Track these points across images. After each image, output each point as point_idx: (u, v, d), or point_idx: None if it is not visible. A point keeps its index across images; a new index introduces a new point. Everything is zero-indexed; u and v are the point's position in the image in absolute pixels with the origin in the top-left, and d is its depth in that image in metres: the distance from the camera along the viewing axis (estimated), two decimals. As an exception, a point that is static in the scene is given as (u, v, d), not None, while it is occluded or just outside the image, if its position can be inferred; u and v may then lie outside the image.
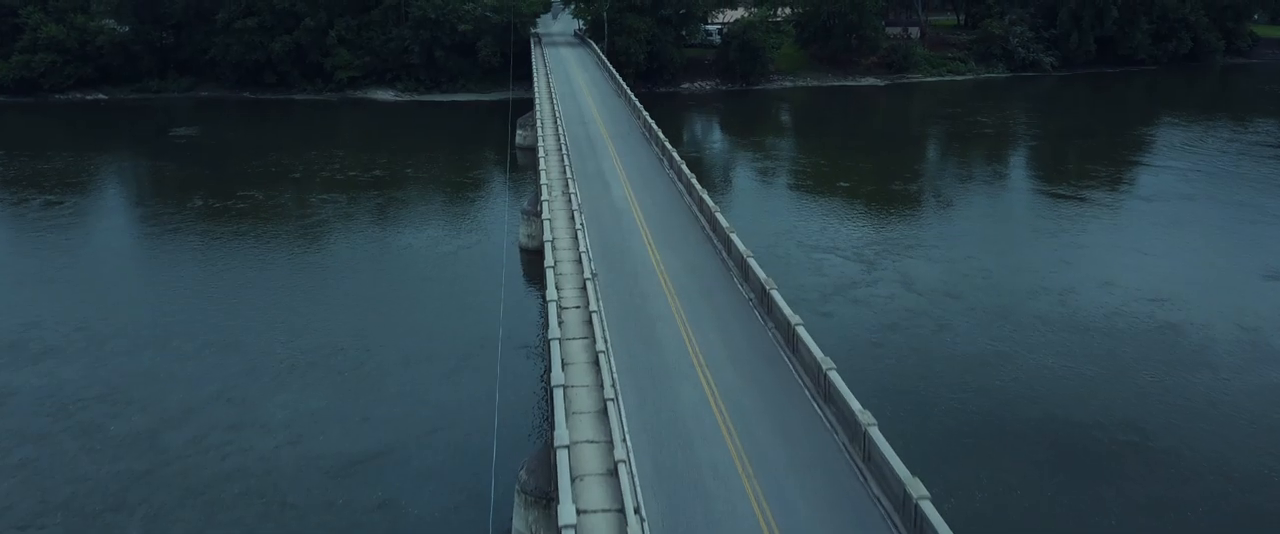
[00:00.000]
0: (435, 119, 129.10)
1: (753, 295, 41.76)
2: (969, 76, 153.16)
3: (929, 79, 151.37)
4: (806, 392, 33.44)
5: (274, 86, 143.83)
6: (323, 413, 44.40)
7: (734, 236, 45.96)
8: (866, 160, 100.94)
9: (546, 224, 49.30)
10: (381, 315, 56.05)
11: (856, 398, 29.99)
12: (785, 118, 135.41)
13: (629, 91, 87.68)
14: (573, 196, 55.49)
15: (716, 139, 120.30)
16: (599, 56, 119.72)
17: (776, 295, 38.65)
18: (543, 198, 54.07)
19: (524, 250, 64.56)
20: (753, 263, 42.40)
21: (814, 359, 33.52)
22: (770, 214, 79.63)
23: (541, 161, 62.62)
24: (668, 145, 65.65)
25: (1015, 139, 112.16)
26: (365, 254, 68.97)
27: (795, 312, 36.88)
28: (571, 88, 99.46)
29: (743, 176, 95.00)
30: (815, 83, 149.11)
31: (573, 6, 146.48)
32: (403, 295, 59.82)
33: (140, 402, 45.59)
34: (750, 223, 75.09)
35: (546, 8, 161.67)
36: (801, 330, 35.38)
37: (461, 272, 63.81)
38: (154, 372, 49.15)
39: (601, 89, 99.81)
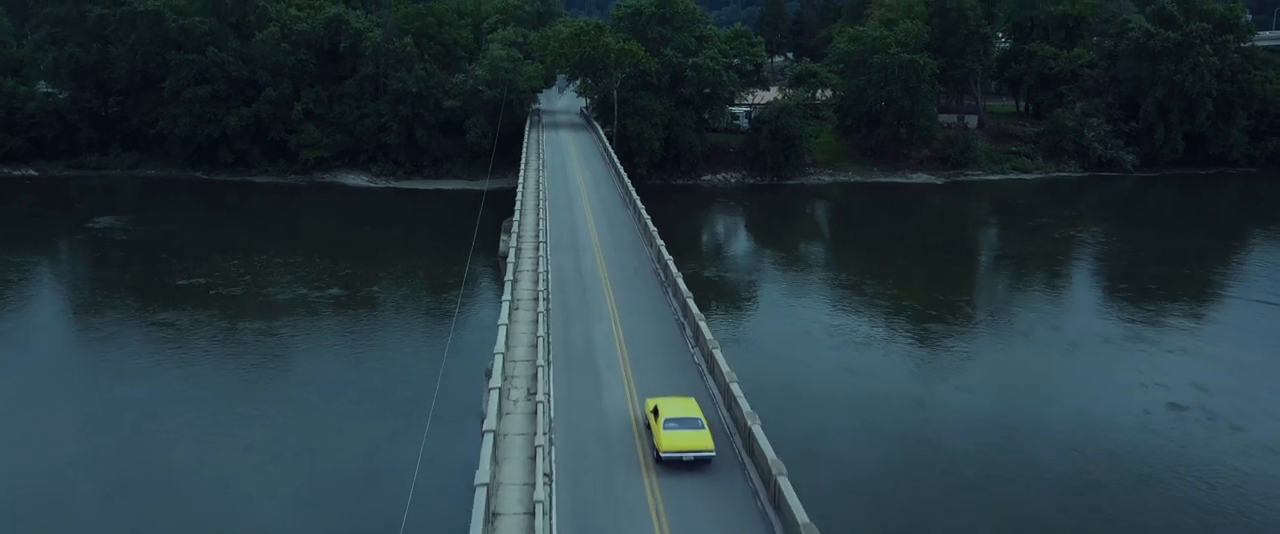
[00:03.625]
0: (415, 211, 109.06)
1: None
2: (1037, 175, 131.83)
3: (991, 177, 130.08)
4: None
5: (231, 166, 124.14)
6: None
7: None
8: (939, 286, 79.27)
9: (479, 497, 27.36)
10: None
11: None
12: (827, 221, 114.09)
13: (640, 205, 66.01)
14: (543, 406, 33.72)
15: (745, 249, 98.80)
16: (605, 147, 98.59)
17: None
18: (485, 425, 32.09)
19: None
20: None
21: None
22: (832, 377, 57.96)
23: (503, 330, 40.79)
24: (694, 307, 43.87)
25: (1127, 263, 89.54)
26: (290, 431, 49.10)
27: None
28: (567, 191, 78.05)
29: (781, 309, 73.15)
30: (858, 178, 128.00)
31: (578, 83, 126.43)
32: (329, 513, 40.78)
33: None
34: (801, 390, 53.95)
35: (550, 80, 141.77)
36: None
37: (406, 467, 42.51)
38: None
39: (604, 194, 78.26)
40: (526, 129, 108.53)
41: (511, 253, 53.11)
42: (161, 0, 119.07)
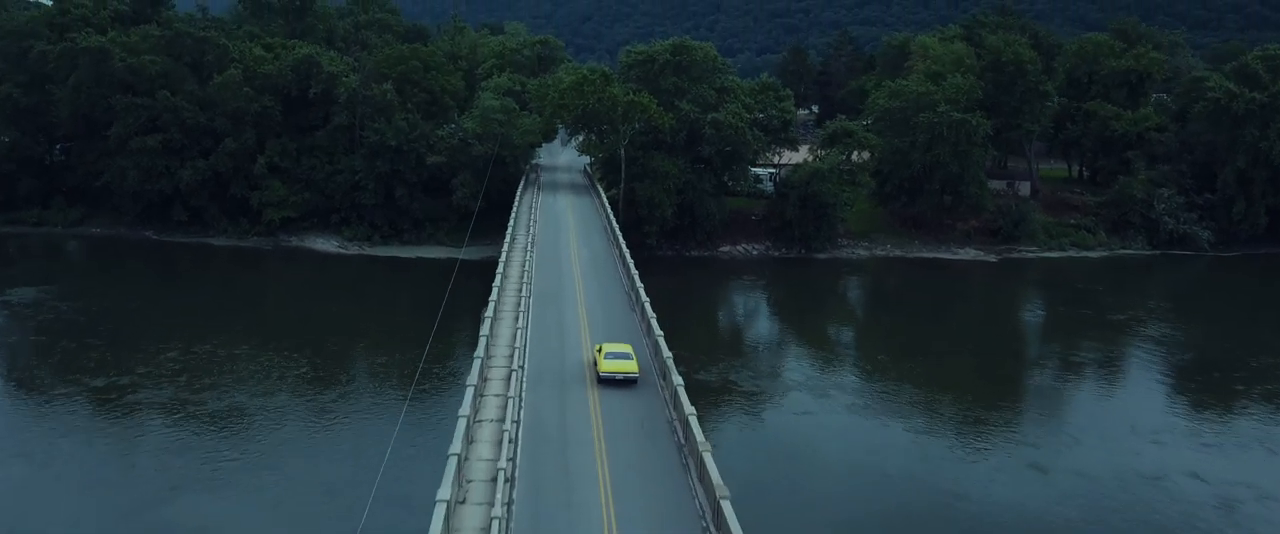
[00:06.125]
0: (391, 284, 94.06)
1: None
2: (1100, 252, 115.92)
3: (1048, 254, 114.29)
4: None
5: (186, 226, 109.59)
6: None
7: None
8: (1024, 403, 63.41)
9: None
10: None
11: None
12: (867, 306, 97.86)
13: (650, 313, 50.05)
14: None
15: (769, 340, 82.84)
16: (609, 220, 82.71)
17: None
18: None
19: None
20: None
21: None
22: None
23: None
24: (732, 517, 27.96)
25: (1245, 373, 73.22)
26: None
27: None
28: (559, 282, 61.97)
29: (823, 436, 57.00)
30: (898, 252, 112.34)
31: (580, 139, 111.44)
32: None
33: None
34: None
35: (552, 132, 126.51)
36: None
37: None
38: None
39: (605, 287, 61.93)
40: (518, 193, 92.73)
41: (469, 395, 37.17)
42: (109, 36, 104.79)
